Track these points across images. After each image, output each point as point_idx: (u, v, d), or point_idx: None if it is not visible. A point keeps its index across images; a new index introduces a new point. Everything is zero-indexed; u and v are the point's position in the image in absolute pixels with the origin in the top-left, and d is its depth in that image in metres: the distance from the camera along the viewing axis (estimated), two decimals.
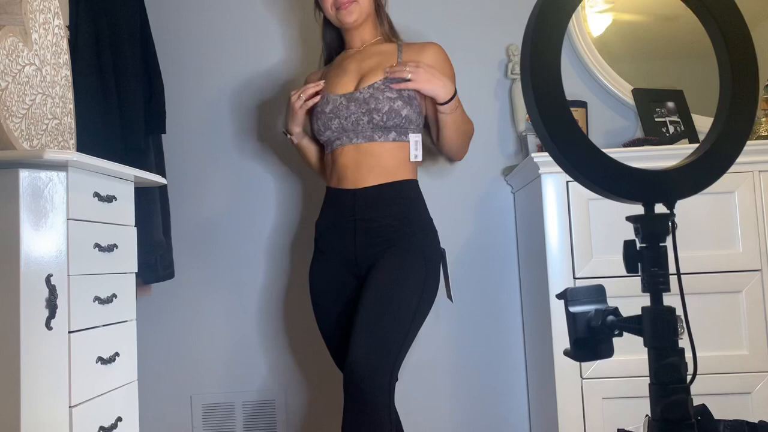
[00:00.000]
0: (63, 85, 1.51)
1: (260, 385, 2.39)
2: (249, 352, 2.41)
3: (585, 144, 0.89)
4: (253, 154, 2.45)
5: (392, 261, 1.77)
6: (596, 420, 1.91)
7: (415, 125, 1.88)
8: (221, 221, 2.44)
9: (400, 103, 1.83)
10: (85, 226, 1.40)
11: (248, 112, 2.46)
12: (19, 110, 1.33)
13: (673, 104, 2.31)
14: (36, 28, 1.41)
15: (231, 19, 2.48)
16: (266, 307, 2.41)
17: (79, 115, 1.70)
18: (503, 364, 2.38)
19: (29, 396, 1.22)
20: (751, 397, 1.90)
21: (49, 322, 1.27)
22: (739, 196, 1.95)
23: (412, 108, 1.85)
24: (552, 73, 0.88)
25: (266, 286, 2.41)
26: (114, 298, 1.50)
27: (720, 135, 0.93)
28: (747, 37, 0.95)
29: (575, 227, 1.96)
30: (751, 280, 1.93)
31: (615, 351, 0.95)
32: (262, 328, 2.42)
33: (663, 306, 0.89)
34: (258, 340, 2.40)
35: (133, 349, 1.61)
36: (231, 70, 2.46)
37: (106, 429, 1.45)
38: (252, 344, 2.41)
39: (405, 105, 1.84)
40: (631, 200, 0.91)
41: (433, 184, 2.41)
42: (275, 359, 2.40)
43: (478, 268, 2.40)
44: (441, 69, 1.90)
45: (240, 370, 2.40)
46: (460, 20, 2.46)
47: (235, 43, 2.47)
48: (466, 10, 2.46)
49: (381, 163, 1.85)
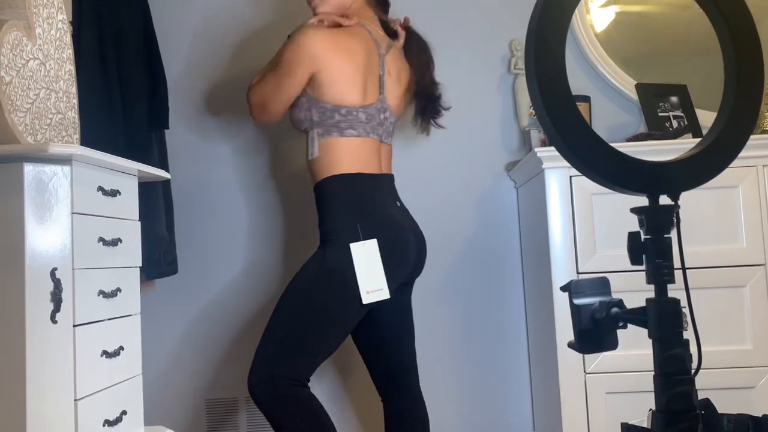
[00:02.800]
0: (67, 80, 1.51)
1: None
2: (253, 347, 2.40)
3: (590, 135, 0.89)
4: (256, 149, 2.45)
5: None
6: (600, 414, 1.91)
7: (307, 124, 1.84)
8: (224, 217, 2.44)
9: (295, 110, 1.86)
10: (89, 220, 1.40)
11: None
12: (23, 104, 1.33)
13: (676, 99, 2.30)
14: (39, 22, 1.41)
15: (235, 15, 2.47)
16: (270, 302, 2.41)
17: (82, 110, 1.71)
18: (506, 359, 2.38)
19: (35, 389, 1.23)
20: (755, 392, 1.90)
21: (54, 316, 1.28)
22: (743, 191, 1.95)
23: (297, 108, 1.85)
24: (557, 64, 0.88)
25: (270, 281, 2.41)
26: (118, 292, 1.50)
27: (724, 127, 0.93)
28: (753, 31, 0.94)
29: (578, 222, 1.96)
30: (755, 274, 1.93)
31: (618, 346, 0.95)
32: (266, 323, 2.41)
33: (668, 297, 0.89)
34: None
35: (138, 343, 1.61)
36: (234, 66, 2.46)
37: (111, 422, 1.45)
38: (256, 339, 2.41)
39: (294, 109, 1.85)
40: (636, 192, 0.91)
41: (435, 178, 2.41)
42: None
43: (481, 264, 2.40)
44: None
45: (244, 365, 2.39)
46: (463, 16, 2.46)
47: (238, 39, 2.47)
48: (469, 5, 2.46)
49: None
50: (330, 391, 2.39)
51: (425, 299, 2.32)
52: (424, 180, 2.39)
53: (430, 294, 2.36)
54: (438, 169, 2.42)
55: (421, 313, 2.17)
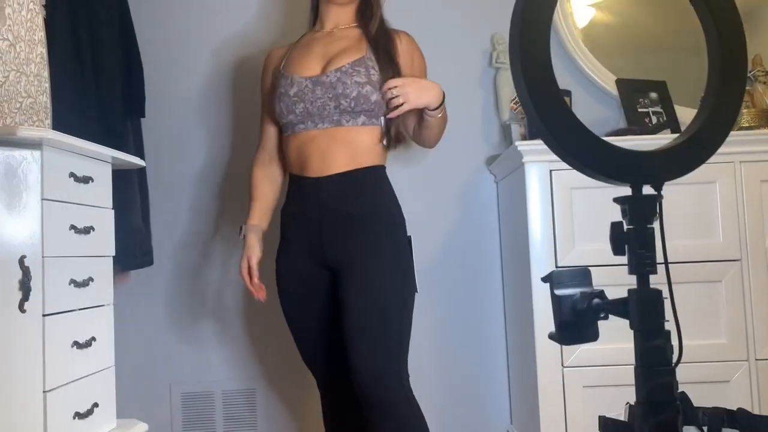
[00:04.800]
0: (38, 63, 1.47)
1: (240, 374, 2.36)
2: (229, 340, 2.38)
3: (574, 123, 0.88)
4: (233, 139, 2.41)
5: (370, 259, 1.71)
6: (577, 408, 1.91)
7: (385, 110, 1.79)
8: (201, 208, 2.40)
9: (369, 88, 1.74)
10: (60, 207, 1.37)
11: (229, 98, 2.42)
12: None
13: (656, 95, 2.32)
14: (9, 2, 1.37)
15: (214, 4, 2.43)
16: (246, 296, 2.38)
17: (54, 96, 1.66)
18: (484, 353, 2.38)
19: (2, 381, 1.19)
20: (730, 386, 1.92)
21: (23, 305, 1.24)
22: (720, 186, 1.96)
23: (382, 93, 1.76)
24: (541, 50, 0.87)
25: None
26: (90, 282, 1.47)
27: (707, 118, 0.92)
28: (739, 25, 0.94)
29: (558, 216, 1.96)
30: (731, 269, 1.95)
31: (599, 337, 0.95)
32: (243, 316, 2.39)
33: (650, 288, 0.88)
34: (238, 329, 2.38)
35: (110, 334, 1.58)
36: (212, 55, 2.42)
37: (81, 415, 1.41)
38: (232, 333, 2.38)
39: (374, 90, 1.75)
40: (619, 181, 0.90)
41: (416, 172, 2.40)
42: (256, 348, 2.37)
43: (461, 257, 2.40)
44: (413, 61, 1.84)
45: (220, 358, 2.37)
46: (444, 9, 2.44)
47: (217, 26, 2.43)
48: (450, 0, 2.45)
49: (349, 147, 1.75)
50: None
51: None
52: (404, 172, 2.37)
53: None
54: (418, 162, 2.41)
55: None
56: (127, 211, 2.00)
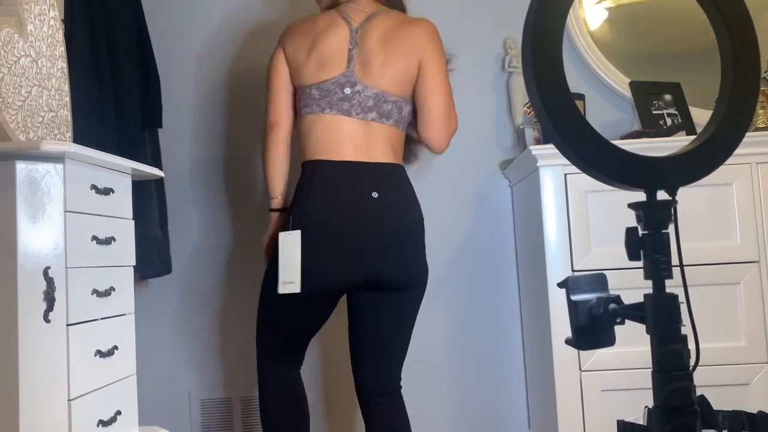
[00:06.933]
0: (59, 78, 1.50)
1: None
2: (247, 347, 2.40)
3: (587, 130, 0.89)
4: (250, 149, 2.44)
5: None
6: (595, 412, 1.91)
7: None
8: (218, 216, 2.42)
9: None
10: (82, 219, 1.39)
11: (245, 107, 2.45)
12: (15, 102, 1.32)
13: (670, 97, 2.31)
14: (31, 19, 1.40)
15: (228, 13, 2.46)
16: None
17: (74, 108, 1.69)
18: (502, 357, 2.38)
19: (28, 389, 1.21)
20: (750, 389, 1.91)
21: (47, 315, 1.26)
22: (737, 188, 1.95)
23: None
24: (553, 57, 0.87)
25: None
26: (112, 291, 1.49)
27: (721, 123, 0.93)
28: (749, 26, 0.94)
29: (573, 220, 1.96)
30: (749, 271, 1.94)
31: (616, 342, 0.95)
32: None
33: (666, 293, 0.89)
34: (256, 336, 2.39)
35: (132, 342, 1.60)
36: (228, 65, 2.45)
37: (105, 422, 1.44)
38: (250, 339, 2.40)
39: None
40: (633, 187, 0.91)
41: (431, 177, 2.41)
42: None
43: (476, 262, 2.40)
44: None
45: (238, 365, 2.39)
46: (458, 14, 2.45)
47: (232, 37, 2.46)
48: (464, 3, 2.46)
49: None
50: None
51: None
52: (419, 177, 2.38)
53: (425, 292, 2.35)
54: (432, 167, 2.42)
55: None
56: (145, 220, 2.03)
